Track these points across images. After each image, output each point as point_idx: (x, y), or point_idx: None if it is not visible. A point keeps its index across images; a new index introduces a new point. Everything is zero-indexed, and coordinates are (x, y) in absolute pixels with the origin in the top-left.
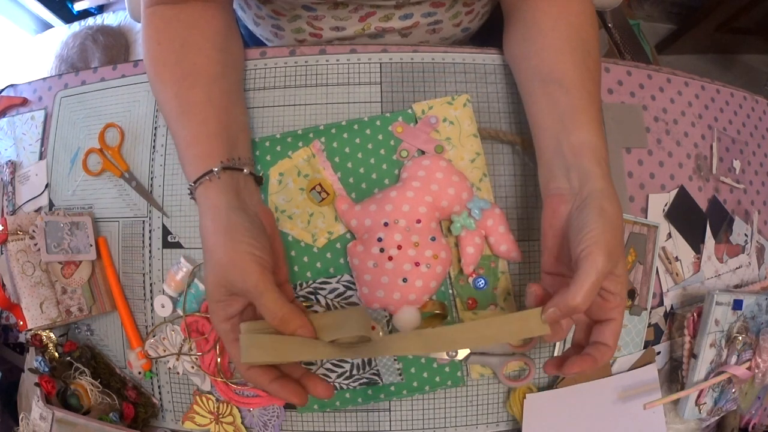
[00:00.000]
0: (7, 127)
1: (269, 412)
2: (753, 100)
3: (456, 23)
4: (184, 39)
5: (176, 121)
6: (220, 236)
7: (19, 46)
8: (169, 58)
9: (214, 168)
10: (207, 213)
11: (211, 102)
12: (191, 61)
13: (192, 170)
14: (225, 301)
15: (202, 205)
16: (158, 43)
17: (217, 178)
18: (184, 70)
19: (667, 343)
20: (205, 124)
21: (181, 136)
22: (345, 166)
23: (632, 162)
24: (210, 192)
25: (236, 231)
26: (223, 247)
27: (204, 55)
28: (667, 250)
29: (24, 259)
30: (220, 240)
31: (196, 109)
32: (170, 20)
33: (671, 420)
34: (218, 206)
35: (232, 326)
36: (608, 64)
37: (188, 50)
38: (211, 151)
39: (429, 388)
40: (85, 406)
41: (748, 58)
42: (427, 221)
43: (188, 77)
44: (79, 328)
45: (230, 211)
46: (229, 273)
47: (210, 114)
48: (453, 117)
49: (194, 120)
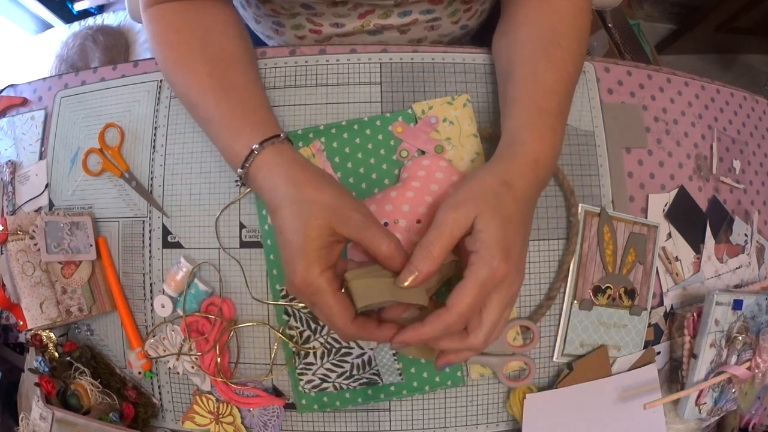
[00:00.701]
0: (7, 127)
1: (269, 412)
2: (753, 100)
3: (454, 21)
4: (207, 26)
5: (217, 96)
6: (320, 179)
7: (19, 46)
8: (194, 42)
9: (281, 133)
10: (291, 165)
11: (253, 83)
12: (219, 45)
13: (254, 135)
14: (327, 248)
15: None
16: (177, 32)
17: (286, 140)
18: (213, 53)
19: (667, 343)
20: (256, 99)
21: (227, 109)
22: (345, 166)
23: (632, 162)
24: (285, 150)
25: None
26: (328, 189)
27: (230, 40)
28: (667, 250)
29: (24, 259)
30: (321, 183)
31: (240, 86)
32: (183, 11)
33: (671, 420)
34: (299, 159)
35: (328, 279)
36: (608, 64)
37: (212, 35)
38: (271, 119)
39: (429, 388)
40: (85, 406)
41: (748, 58)
42: (427, 221)
43: (220, 60)
44: (79, 328)
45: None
46: (340, 211)
47: (257, 92)
48: (453, 117)
49: (243, 95)
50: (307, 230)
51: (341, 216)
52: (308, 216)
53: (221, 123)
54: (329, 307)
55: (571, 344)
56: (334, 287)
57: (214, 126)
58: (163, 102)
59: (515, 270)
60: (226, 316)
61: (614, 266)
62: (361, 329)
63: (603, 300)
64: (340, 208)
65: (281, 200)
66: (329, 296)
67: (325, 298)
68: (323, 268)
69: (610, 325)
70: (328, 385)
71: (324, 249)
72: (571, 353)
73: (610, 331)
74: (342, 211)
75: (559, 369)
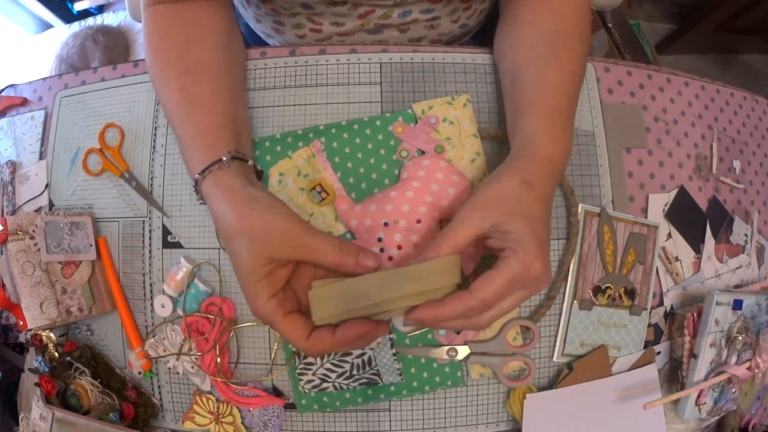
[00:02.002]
0: (7, 127)
1: (269, 412)
2: (753, 100)
3: (454, 20)
4: (189, 35)
5: (182, 113)
6: (245, 209)
7: (19, 46)
8: (173, 53)
9: (224, 157)
10: (222, 196)
11: (218, 96)
12: (196, 56)
13: (199, 160)
14: (268, 277)
15: (212, 194)
16: (161, 39)
17: (227, 166)
18: (189, 64)
19: (667, 343)
20: (213, 115)
21: (186, 128)
22: (345, 166)
23: (632, 162)
24: (222, 178)
25: (261, 200)
26: (254, 217)
27: (208, 50)
28: (667, 250)
29: (24, 259)
30: (246, 212)
31: (204, 101)
32: (173, 17)
33: (671, 420)
34: (233, 187)
35: (279, 302)
36: (608, 64)
37: (192, 46)
38: (219, 141)
39: (429, 388)
40: (85, 406)
41: (748, 58)
42: (427, 221)
43: (193, 72)
44: (79, 328)
45: (247, 188)
46: (269, 236)
47: (217, 107)
48: (453, 117)
49: (202, 112)
50: (245, 263)
51: (271, 242)
52: (242, 249)
53: (181, 143)
54: (282, 331)
55: (571, 344)
56: (280, 313)
57: (179, 144)
58: None
59: (548, 270)
60: (226, 316)
61: (614, 266)
62: (317, 344)
63: (603, 300)
64: (270, 233)
65: (222, 234)
66: (278, 322)
67: (276, 324)
68: (267, 297)
69: (610, 325)
70: (328, 385)
71: (264, 279)
72: (571, 353)
73: (610, 331)
74: (271, 236)
75: (559, 369)
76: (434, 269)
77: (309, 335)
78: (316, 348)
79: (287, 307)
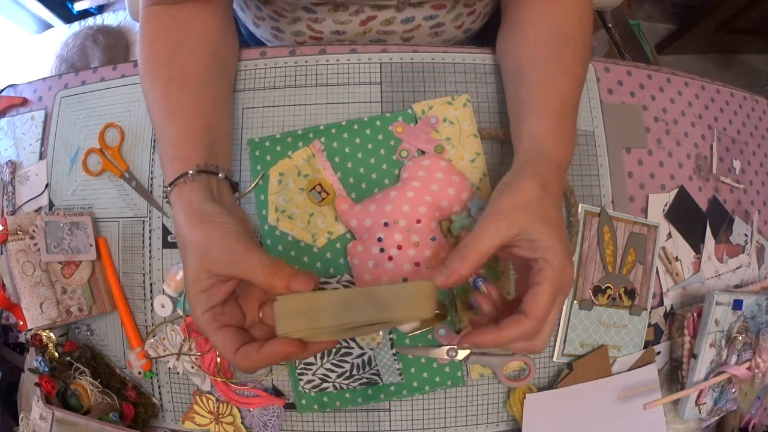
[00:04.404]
0: (7, 127)
1: (269, 412)
2: (753, 100)
3: (458, 25)
4: (177, 40)
5: (162, 121)
6: (195, 222)
7: (19, 46)
8: (161, 58)
9: (190, 171)
10: (180, 209)
11: (198, 105)
12: (182, 63)
13: (169, 172)
14: (208, 290)
15: (175, 205)
16: (152, 43)
17: (191, 180)
18: (174, 71)
19: (667, 343)
20: (188, 126)
21: (163, 137)
22: (345, 166)
23: (632, 162)
24: (184, 191)
25: (211, 215)
26: (200, 230)
27: (195, 57)
28: (667, 250)
29: (24, 259)
30: (195, 225)
31: (182, 111)
32: (165, 20)
33: (671, 420)
34: (191, 201)
35: (214, 315)
36: (608, 64)
37: (180, 52)
38: (189, 153)
39: (429, 388)
40: (85, 406)
41: (748, 58)
42: (427, 221)
43: (177, 79)
44: (79, 328)
45: (203, 203)
46: (210, 251)
47: (194, 118)
48: (453, 117)
49: (178, 122)
50: (188, 274)
51: (212, 256)
52: (187, 259)
53: (159, 149)
54: (213, 343)
55: (571, 344)
56: (212, 326)
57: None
58: None
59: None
60: None
61: (614, 266)
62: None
63: (603, 300)
64: (211, 247)
65: (179, 243)
66: (210, 334)
67: (209, 336)
68: (203, 310)
69: (610, 325)
70: (328, 385)
71: (204, 292)
72: (571, 353)
73: (610, 331)
74: (212, 250)
75: (559, 369)
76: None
77: (237, 350)
78: (242, 363)
79: (222, 321)
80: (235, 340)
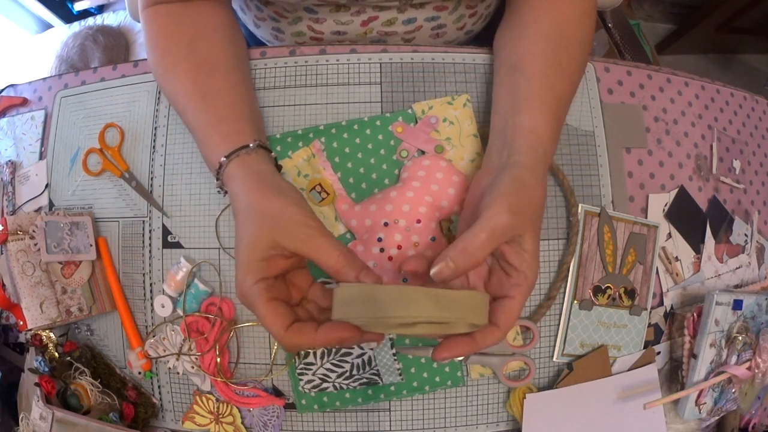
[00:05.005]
0: (7, 127)
1: (269, 412)
2: (753, 100)
3: (459, 26)
4: (195, 31)
5: (198, 105)
6: (272, 194)
7: (19, 46)
8: (181, 49)
9: (250, 143)
10: (248, 177)
11: (234, 88)
12: (206, 51)
13: (223, 146)
14: (267, 259)
15: (239, 174)
16: (167, 36)
17: (254, 151)
18: (199, 59)
19: (667, 343)
20: (233, 106)
21: (204, 118)
22: (345, 166)
23: (632, 162)
24: (250, 162)
25: (287, 191)
26: (277, 202)
27: (216, 46)
28: (667, 250)
29: (24, 259)
30: (273, 196)
31: (219, 94)
32: (176, 15)
33: (671, 420)
34: (262, 172)
35: (267, 286)
36: (608, 64)
37: (200, 41)
38: (243, 129)
39: (429, 388)
40: (85, 406)
41: (748, 58)
42: (427, 221)
43: (205, 66)
44: (79, 328)
45: (276, 175)
46: (282, 224)
47: (236, 98)
48: (453, 117)
49: (220, 103)
50: (249, 240)
51: (284, 229)
52: (252, 226)
53: (200, 132)
54: (262, 316)
55: (571, 344)
56: (265, 297)
57: (195, 135)
58: (163, 102)
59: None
60: (226, 315)
61: (614, 266)
62: (296, 335)
63: (603, 300)
64: (285, 220)
65: (237, 209)
66: (261, 305)
67: (258, 308)
68: (257, 278)
69: (610, 325)
70: (328, 385)
71: (263, 261)
72: (571, 353)
73: (610, 331)
74: (286, 223)
75: (559, 369)
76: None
77: (289, 325)
78: (294, 340)
79: (273, 294)
80: (287, 315)
